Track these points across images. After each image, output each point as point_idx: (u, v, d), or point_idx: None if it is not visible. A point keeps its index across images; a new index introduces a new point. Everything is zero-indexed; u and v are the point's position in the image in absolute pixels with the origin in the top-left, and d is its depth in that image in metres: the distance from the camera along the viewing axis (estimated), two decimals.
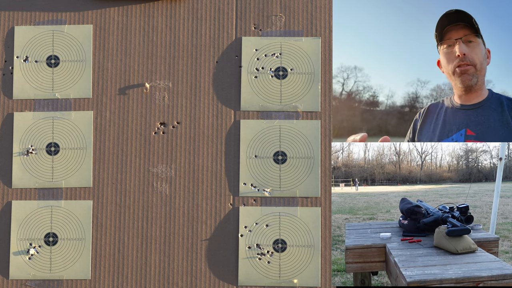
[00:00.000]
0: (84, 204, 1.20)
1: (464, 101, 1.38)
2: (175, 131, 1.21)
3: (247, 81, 1.21)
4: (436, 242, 1.46)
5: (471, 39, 1.34)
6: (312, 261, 1.18)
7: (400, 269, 1.24)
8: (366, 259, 1.53)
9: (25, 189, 1.21)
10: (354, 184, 9.13)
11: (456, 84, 1.37)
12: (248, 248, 1.18)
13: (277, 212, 1.19)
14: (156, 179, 1.20)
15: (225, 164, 1.20)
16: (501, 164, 2.21)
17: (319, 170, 1.19)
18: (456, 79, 1.36)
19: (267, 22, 1.22)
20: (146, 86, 1.21)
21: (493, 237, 1.63)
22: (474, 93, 1.37)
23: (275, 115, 1.21)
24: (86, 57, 1.22)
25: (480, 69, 1.35)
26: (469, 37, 1.34)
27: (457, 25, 1.35)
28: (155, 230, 1.19)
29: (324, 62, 1.21)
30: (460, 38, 1.34)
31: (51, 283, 1.19)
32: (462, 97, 1.38)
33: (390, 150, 10.97)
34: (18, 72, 1.23)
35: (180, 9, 1.23)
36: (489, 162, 10.68)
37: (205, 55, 1.22)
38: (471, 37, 1.34)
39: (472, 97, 1.37)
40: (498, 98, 1.37)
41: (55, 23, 1.23)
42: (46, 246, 1.20)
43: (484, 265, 1.25)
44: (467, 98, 1.38)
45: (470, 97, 1.37)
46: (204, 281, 1.18)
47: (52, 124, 1.22)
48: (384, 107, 3.49)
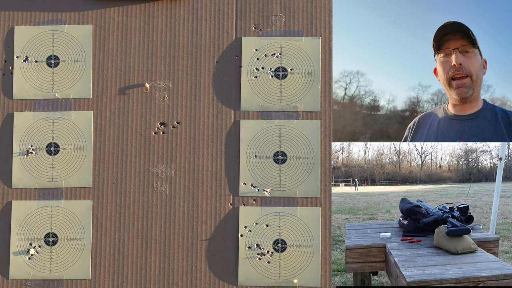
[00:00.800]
0: (84, 204, 1.20)
1: (459, 111, 1.39)
2: (175, 131, 1.21)
3: (247, 81, 1.21)
4: (436, 242, 1.46)
5: (468, 49, 1.36)
6: (312, 261, 1.18)
7: (400, 269, 1.24)
8: (366, 259, 1.53)
9: (25, 189, 1.21)
10: (354, 184, 9.13)
11: (452, 95, 1.38)
12: (248, 248, 1.18)
13: (277, 212, 1.19)
14: (156, 179, 1.20)
15: (225, 164, 1.20)
16: (501, 164, 2.21)
17: (319, 170, 1.19)
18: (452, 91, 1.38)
19: (267, 22, 1.22)
20: (146, 86, 1.21)
21: (493, 237, 1.63)
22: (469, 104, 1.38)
23: (275, 115, 1.21)
24: (86, 57, 1.22)
25: (476, 79, 1.36)
26: (466, 47, 1.36)
27: (455, 36, 1.37)
28: (155, 230, 1.19)
29: (324, 62, 1.21)
30: (457, 48, 1.36)
31: (51, 283, 1.19)
32: (457, 107, 1.39)
33: (390, 150, 10.97)
34: (18, 72, 1.23)
35: (180, 9, 1.23)
36: (489, 162, 10.68)
37: (205, 55, 1.22)
38: (468, 48, 1.36)
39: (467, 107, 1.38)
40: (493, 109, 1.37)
41: (55, 23, 1.23)
42: (46, 246, 1.20)
43: (484, 265, 1.25)
44: (461, 108, 1.39)
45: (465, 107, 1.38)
46: (204, 281, 1.18)
47: (52, 124, 1.22)
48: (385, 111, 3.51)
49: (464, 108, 1.39)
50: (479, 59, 1.38)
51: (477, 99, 1.38)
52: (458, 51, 1.36)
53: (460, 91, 1.36)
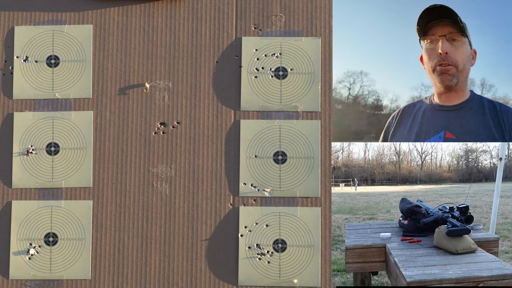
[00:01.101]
0: (84, 204, 1.20)
1: (444, 101, 1.33)
2: (175, 131, 1.21)
3: (247, 81, 1.21)
4: (436, 242, 1.46)
5: (456, 37, 1.29)
6: (312, 261, 1.18)
7: (400, 269, 1.24)
8: (366, 259, 1.53)
9: (25, 189, 1.21)
10: (354, 184, 9.13)
11: (436, 82, 1.32)
12: (248, 248, 1.18)
13: (277, 212, 1.19)
14: (156, 179, 1.20)
15: (225, 164, 1.20)
16: (501, 164, 2.21)
17: (319, 170, 1.19)
18: (436, 78, 1.31)
19: (267, 22, 1.22)
20: (146, 86, 1.21)
21: (493, 237, 1.63)
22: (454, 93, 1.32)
23: (275, 115, 1.21)
24: (86, 57, 1.22)
25: (462, 70, 1.30)
26: (454, 35, 1.29)
27: (443, 21, 1.30)
28: (155, 230, 1.19)
29: (324, 62, 1.21)
30: (444, 35, 1.29)
31: (51, 283, 1.19)
32: (442, 96, 1.33)
33: (390, 150, 10.97)
34: (18, 72, 1.23)
35: (180, 9, 1.23)
36: (489, 162, 10.68)
37: (205, 55, 1.22)
38: (456, 36, 1.29)
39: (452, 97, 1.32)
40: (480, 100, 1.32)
41: (55, 23, 1.23)
42: (46, 246, 1.20)
43: (484, 265, 1.25)
44: (447, 98, 1.33)
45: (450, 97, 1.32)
46: (204, 281, 1.18)
47: (52, 124, 1.22)
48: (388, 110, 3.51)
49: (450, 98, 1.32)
50: (468, 49, 1.30)
51: (462, 89, 1.32)
52: (446, 39, 1.28)
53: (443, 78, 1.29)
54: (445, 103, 1.33)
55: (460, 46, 1.29)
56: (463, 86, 1.32)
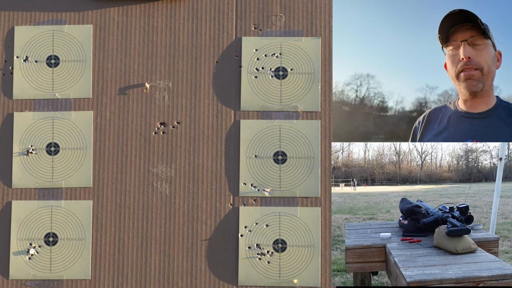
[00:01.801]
0: (84, 204, 1.20)
1: (470, 107, 1.29)
2: (175, 131, 1.21)
3: (247, 81, 1.21)
4: (436, 242, 1.46)
5: (478, 41, 1.26)
6: (312, 261, 1.18)
7: (400, 269, 1.24)
8: (366, 259, 1.53)
9: (25, 189, 1.21)
10: (353, 184, 9.13)
11: (461, 89, 1.29)
12: (248, 248, 1.18)
13: (277, 212, 1.19)
14: (156, 179, 1.20)
15: (225, 164, 1.20)
16: (501, 164, 2.21)
17: (319, 170, 1.19)
18: (460, 84, 1.28)
19: (267, 22, 1.22)
20: (146, 86, 1.21)
21: (493, 237, 1.63)
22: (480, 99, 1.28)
23: (275, 115, 1.21)
24: (86, 57, 1.22)
25: (487, 73, 1.26)
26: (475, 38, 1.26)
27: (464, 26, 1.27)
28: (155, 230, 1.19)
29: (324, 62, 1.21)
30: (466, 40, 1.26)
31: (51, 283, 1.19)
32: (468, 102, 1.29)
33: (390, 150, 10.97)
34: (18, 72, 1.23)
35: (180, 9, 1.23)
36: (489, 162, 10.68)
37: (205, 55, 1.22)
38: (477, 39, 1.26)
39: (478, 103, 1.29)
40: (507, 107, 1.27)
41: (55, 23, 1.23)
42: (46, 246, 1.20)
43: (484, 265, 1.25)
44: (472, 104, 1.29)
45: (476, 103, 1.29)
46: (204, 281, 1.18)
47: (52, 124, 1.22)
48: (393, 112, 3.53)
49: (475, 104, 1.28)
50: (492, 51, 1.26)
51: (488, 94, 1.28)
52: (467, 43, 1.25)
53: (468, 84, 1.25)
54: (470, 109, 1.29)
55: (483, 49, 1.26)
56: (489, 91, 1.29)
